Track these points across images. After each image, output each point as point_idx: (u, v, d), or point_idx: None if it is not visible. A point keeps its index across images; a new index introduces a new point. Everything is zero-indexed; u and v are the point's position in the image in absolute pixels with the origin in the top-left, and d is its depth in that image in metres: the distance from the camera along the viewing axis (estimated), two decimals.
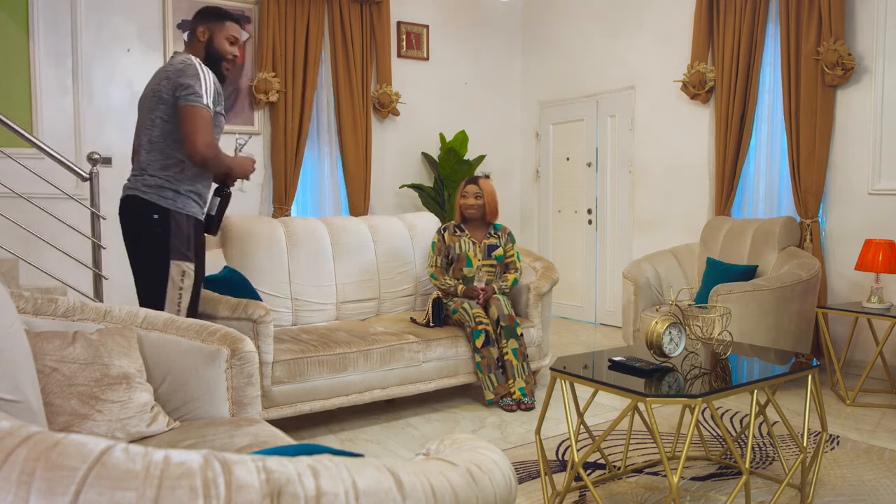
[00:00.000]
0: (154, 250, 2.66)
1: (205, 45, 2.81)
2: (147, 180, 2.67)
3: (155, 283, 2.66)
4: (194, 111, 2.61)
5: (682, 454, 2.06)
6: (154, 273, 2.67)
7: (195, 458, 0.72)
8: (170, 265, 2.66)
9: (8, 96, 4.57)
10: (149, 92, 2.73)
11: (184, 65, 2.66)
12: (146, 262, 2.68)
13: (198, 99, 2.61)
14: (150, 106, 2.69)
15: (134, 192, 2.68)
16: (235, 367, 2.10)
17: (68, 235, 4.09)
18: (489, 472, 0.94)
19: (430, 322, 3.80)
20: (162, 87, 2.66)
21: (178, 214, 2.68)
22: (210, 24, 2.83)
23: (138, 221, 2.68)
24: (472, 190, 4.04)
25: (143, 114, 2.74)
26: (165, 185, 2.67)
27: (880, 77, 4.20)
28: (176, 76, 2.64)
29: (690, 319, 2.61)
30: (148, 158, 2.68)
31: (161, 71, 2.73)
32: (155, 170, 2.67)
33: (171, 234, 2.66)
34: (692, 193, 5.35)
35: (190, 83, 2.61)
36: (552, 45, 6.52)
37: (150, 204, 2.65)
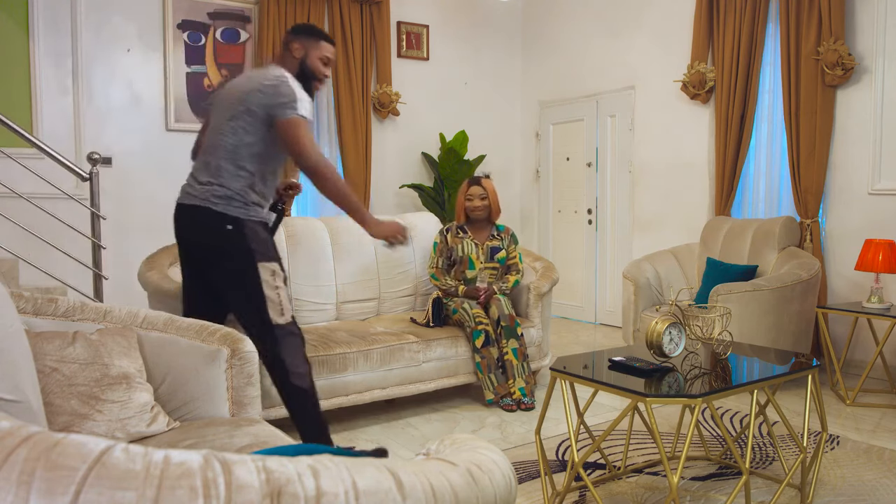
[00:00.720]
0: (239, 259, 2.59)
1: (299, 61, 2.77)
2: (217, 191, 2.58)
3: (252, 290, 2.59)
4: (297, 122, 2.57)
5: (682, 454, 2.06)
6: (246, 281, 2.59)
7: (195, 458, 0.72)
8: (258, 268, 2.59)
9: (8, 96, 4.57)
10: (234, 96, 2.63)
11: (279, 81, 2.60)
12: (234, 272, 2.60)
13: (296, 112, 2.58)
14: (233, 112, 2.61)
15: (204, 203, 2.58)
16: (235, 367, 2.10)
17: (68, 235, 4.09)
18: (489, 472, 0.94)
19: (430, 322, 3.80)
20: (252, 99, 2.58)
21: (251, 221, 2.63)
22: (306, 42, 2.79)
23: (212, 234, 2.59)
24: (477, 192, 4.03)
25: (222, 117, 2.64)
26: (235, 197, 2.60)
27: (880, 77, 4.20)
28: (271, 91, 2.57)
29: (690, 319, 2.61)
30: (220, 167, 2.60)
31: (253, 80, 2.63)
32: (226, 180, 2.59)
33: (249, 239, 2.60)
34: (692, 193, 5.35)
35: (287, 98, 2.57)
36: (552, 45, 6.52)
37: (221, 215, 2.57)
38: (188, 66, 5.17)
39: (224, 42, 5.30)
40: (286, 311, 2.63)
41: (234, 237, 2.58)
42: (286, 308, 2.63)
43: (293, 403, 2.66)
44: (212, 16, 5.24)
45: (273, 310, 2.59)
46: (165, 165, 5.10)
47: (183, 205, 2.66)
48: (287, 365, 2.61)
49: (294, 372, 2.62)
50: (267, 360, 2.62)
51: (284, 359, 2.60)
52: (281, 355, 2.59)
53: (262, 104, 2.58)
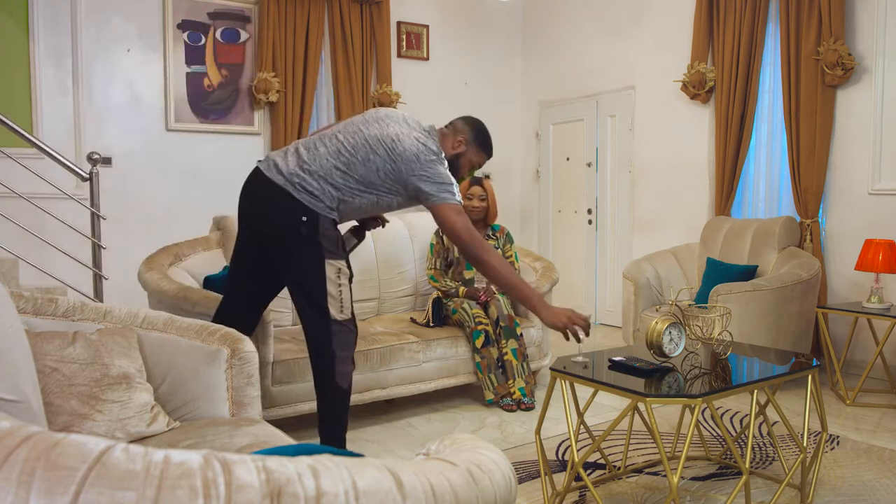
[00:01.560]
0: (307, 251, 2.55)
1: (454, 153, 2.76)
2: (307, 185, 2.53)
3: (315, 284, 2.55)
4: (457, 209, 2.59)
5: (682, 454, 2.06)
6: (311, 274, 2.55)
7: (195, 458, 0.72)
8: (325, 265, 2.55)
9: (8, 96, 4.57)
10: (381, 136, 2.58)
11: (437, 157, 2.59)
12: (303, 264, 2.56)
13: (450, 196, 2.58)
14: (373, 152, 2.56)
15: (286, 186, 2.52)
16: (235, 367, 2.10)
17: (68, 235, 4.09)
18: (489, 472, 0.94)
19: (430, 322, 3.80)
20: (399, 154, 2.55)
21: (325, 218, 2.57)
22: (472, 144, 2.80)
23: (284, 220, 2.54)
24: (478, 192, 4.02)
25: (354, 144, 2.58)
26: (319, 198, 2.55)
27: (880, 77, 4.20)
28: (421, 167, 2.56)
29: (690, 319, 2.61)
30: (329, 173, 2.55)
31: (406, 136, 2.59)
32: (322, 185, 2.54)
33: (321, 234, 2.55)
34: (692, 193, 5.35)
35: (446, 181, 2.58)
36: (552, 45, 6.52)
37: (300, 205, 2.52)
38: (188, 66, 5.17)
39: (224, 42, 5.29)
40: (345, 308, 2.60)
41: (307, 229, 2.53)
42: (346, 306, 2.60)
43: (329, 402, 2.62)
44: (212, 16, 5.24)
45: (333, 306, 2.56)
46: (165, 165, 5.10)
47: (265, 176, 2.57)
48: (336, 359, 2.57)
49: (340, 370, 2.58)
50: (315, 353, 2.59)
51: (335, 351, 2.56)
52: (332, 347, 2.55)
53: (404, 170, 2.56)
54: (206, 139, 5.26)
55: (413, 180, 2.58)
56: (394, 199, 2.67)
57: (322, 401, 2.64)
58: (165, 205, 5.12)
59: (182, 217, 5.02)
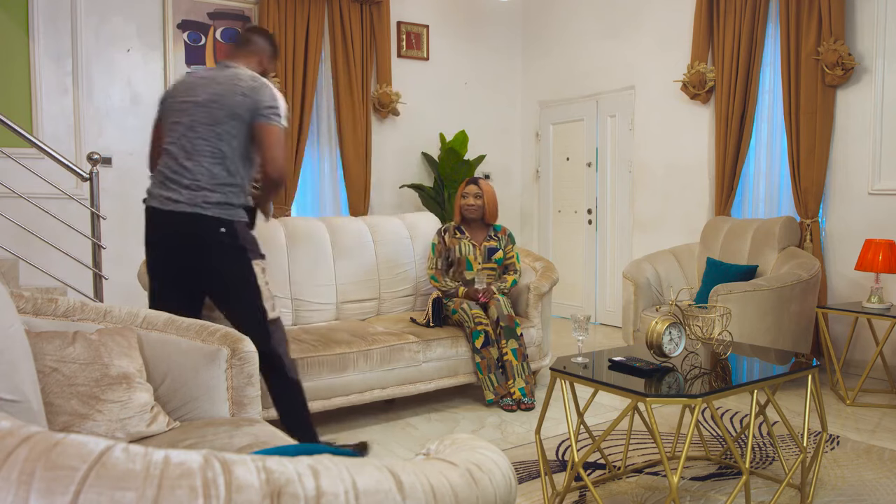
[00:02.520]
0: (234, 259, 2.62)
1: (261, 73, 2.79)
2: (209, 197, 2.58)
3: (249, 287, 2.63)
4: (280, 133, 2.63)
5: (682, 454, 2.06)
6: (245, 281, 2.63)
7: (195, 458, 0.72)
8: (252, 266, 2.64)
9: (8, 96, 4.57)
10: (209, 101, 2.62)
11: (258, 83, 2.63)
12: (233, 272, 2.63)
13: (282, 121, 2.63)
14: (216, 117, 2.60)
15: (193, 209, 2.57)
16: (235, 367, 2.10)
17: (68, 235, 4.09)
18: (489, 472, 0.94)
19: (430, 322, 3.80)
20: (237, 104, 2.59)
21: (239, 223, 2.65)
22: (272, 59, 2.85)
23: (207, 240, 2.60)
24: (472, 190, 4.05)
25: (198, 122, 2.62)
26: (224, 201, 2.61)
27: (880, 77, 4.20)
28: (255, 95, 2.60)
29: (690, 319, 2.61)
30: (211, 172, 2.59)
31: (225, 81, 2.63)
32: (216, 185, 2.59)
33: (241, 239, 2.63)
34: (692, 193, 5.35)
35: (274, 104, 2.62)
36: (552, 45, 6.52)
37: (215, 220, 2.59)
38: (188, 66, 5.17)
39: (224, 42, 5.29)
40: (276, 306, 2.72)
41: (225, 239, 2.62)
42: (275, 304, 2.72)
43: (287, 399, 2.71)
44: (212, 16, 5.24)
45: (268, 304, 2.66)
46: None
47: (167, 211, 2.61)
48: (283, 357, 2.67)
49: (288, 364, 2.70)
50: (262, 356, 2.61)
51: (278, 351, 2.66)
52: (275, 348, 2.65)
53: (247, 108, 2.60)
54: None
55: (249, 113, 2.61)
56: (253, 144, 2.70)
57: (279, 398, 2.71)
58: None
59: None
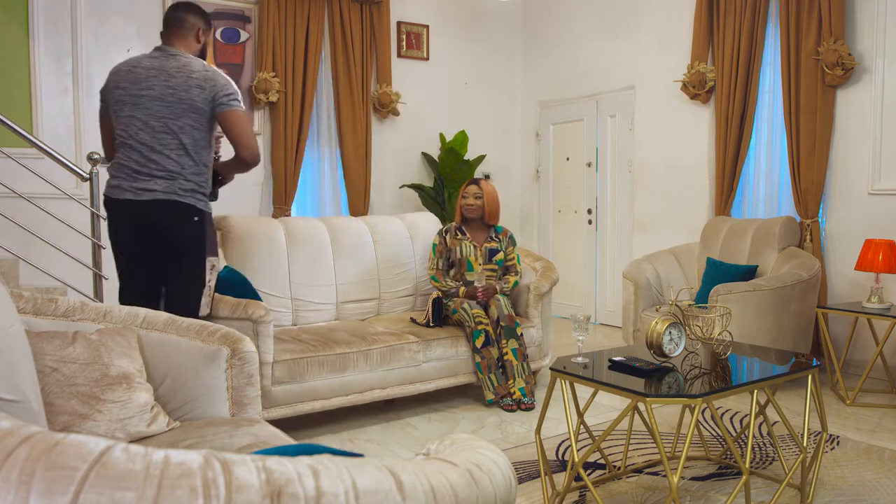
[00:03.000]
0: (197, 250, 2.72)
1: (200, 48, 2.82)
2: (183, 185, 2.67)
3: (197, 283, 2.74)
4: (245, 116, 2.71)
5: (682, 454, 2.06)
6: (196, 273, 2.73)
7: (195, 458, 0.72)
8: (205, 262, 2.74)
9: (8, 96, 4.57)
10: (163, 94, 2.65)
11: (210, 71, 2.68)
12: (187, 262, 2.72)
13: (241, 104, 2.70)
14: (176, 111, 2.65)
15: (169, 196, 2.65)
16: (235, 367, 2.10)
17: (68, 235, 4.09)
18: (489, 472, 0.94)
19: (430, 322, 3.80)
20: (195, 96, 2.64)
21: (208, 215, 2.77)
22: (206, 30, 2.85)
23: (179, 225, 2.68)
24: (473, 190, 4.05)
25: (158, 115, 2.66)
26: (197, 189, 2.71)
27: (880, 77, 4.20)
28: (209, 84, 2.65)
29: (690, 319, 2.61)
30: (181, 163, 2.68)
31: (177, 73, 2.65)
32: (189, 175, 2.68)
33: (206, 234, 2.74)
34: (692, 193, 5.35)
35: (230, 90, 2.68)
36: (552, 45, 6.52)
37: (189, 207, 2.68)
38: None
39: (224, 42, 5.29)
40: (209, 305, 2.84)
41: (197, 229, 2.70)
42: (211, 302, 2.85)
43: None
44: (212, 16, 5.21)
45: (206, 302, 2.77)
46: None
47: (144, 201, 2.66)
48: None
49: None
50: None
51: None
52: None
53: (205, 99, 2.65)
54: None
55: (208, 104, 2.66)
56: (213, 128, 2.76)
57: None
58: None
59: None
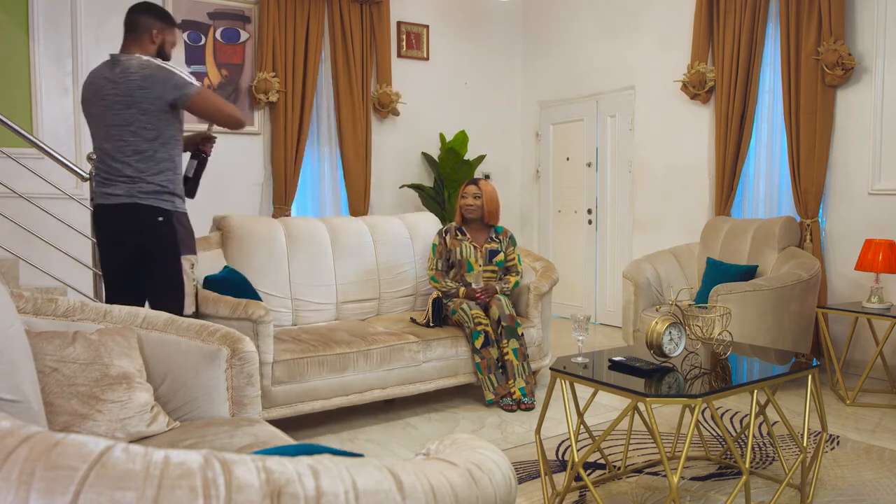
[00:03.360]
0: (167, 250, 2.73)
1: (157, 47, 2.81)
2: (143, 187, 2.70)
3: (174, 282, 2.74)
4: (206, 93, 2.70)
5: (682, 454, 2.06)
6: (170, 272, 2.74)
7: (195, 458, 0.72)
8: (181, 261, 2.74)
9: (8, 96, 4.57)
10: (113, 102, 2.67)
11: (150, 68, 2.66)
12: (161, 263, 2.73)
13: (192, 86, 2.68)
14: (126, 118, 2.66)
15: (132, 199, 2.69)
16: (235, 367, 2.10)
17: (68, 235, 4.09)
18: (489, 472, 0.94)
19: (430, 322, 3.80)
20: (139, 97, 2.64)
21: (178, 213, 2.77)
22: (163, 28, 2.83)
23: (143, 227, 2.71)
24: (472, 190, 4.06)
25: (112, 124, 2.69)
26: (161, 189, 2.72)
27: (880, 77, 4.20)
28: (152, 83, 2.63)
29: (690, 319, 2.61)
30: (139, 167, 2.70)
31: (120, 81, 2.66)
32: (150, 176, 2.70)
33: (177, 233, 2.74)
34: (692, 193, 5.35)
35: (174, 81, 2.65)
36: (552, 45, 6.52)
37: (152, 209, 2.69)
38: (188, 66, 5.16)
39: (224, 42, 5.29)
40: (193, 304, 2.84)
41: (162, 228, 2.71)
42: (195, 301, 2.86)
43: None
44: (212, 16, 5.24)
45: (189, 301, 2.77)
46: None
47: (106, 205, 2.73)
48: None
49: None
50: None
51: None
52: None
53: (151, 98, 2.64)
54: None
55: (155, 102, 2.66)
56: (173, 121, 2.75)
57: None
58: None
59: None
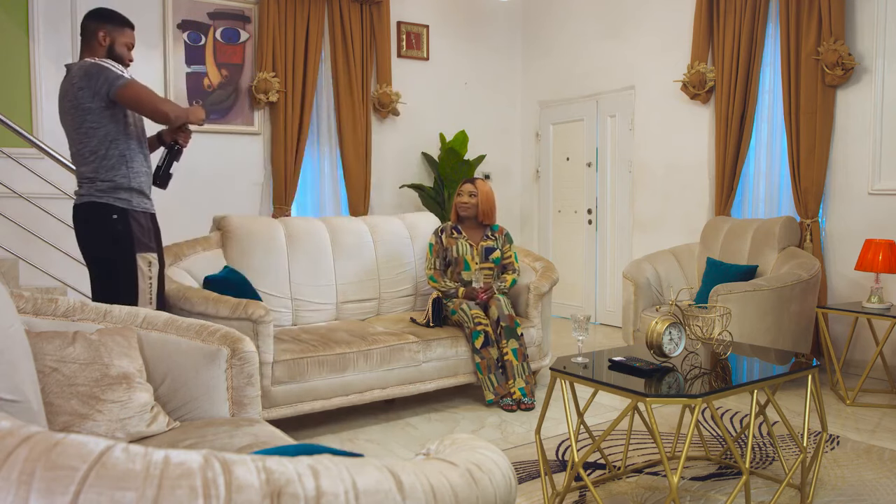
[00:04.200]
0: (119, 249, 2.74)
1: (106, 49, 2.84)
2: (99, 185, 2.74)
3: (127, 280, 2.75)
4: (134, 86, 2.70)
5: (682, 454, 2.06)
6: (123, 270, 2.75)
7: (195, 458, 0.72)
8: (136, 259, 2.75)
9: (8, 96, 4.57)
10: (67, 107, 2.75)
11: (83, 68, 2.70)
12: (114, 261, 2.76)
13: (122, 79, 2.69)
14: (77, 120, 2.73)
15: (88, 198, 2.74)
16: (235, 367, 2.10)
17: (68, 235, 4.07)
18: (489, 472, 0.94)
19: (429, 322, 3.80)
20: (80, 98, 2.69)
21: (135, 212, 2.79)
22: (111, 29, 2.85)
23: (98, 224, 2.75)
24: (468, 189, 4.06)
25: (70, 129, 2.79)
26: (117, 186, 2.75)
27: (880, 77, 4.20)
28: (87, 81, 2.68)
29: (690, 319, 2.61)
30: (93, 167, 2.74)
31: (67, 86, 2.75)
32: (104, 175, 2.74)
33: (132, 229, 2.76)
34: (692, 193, 5.35)
35: (105, 75, 2.68)
36: (552, 45, 6.52)
37: (107, 206, 2.73)
38: (188, 66, 5.17)
39: (224, 42, 5.29)
40: (152, 302, 2.81)
41: (117, 226, 2.73)
42: (154, 299, 2.81)
43: None
44: (212, 16, 5.24)
45: (143, 299, 2.76)
46: None
47: (74, 205, 2.81)
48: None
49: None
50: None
51: None
52: None
53: (89, 96, 2.68)
54: (206, 139, 5.25)
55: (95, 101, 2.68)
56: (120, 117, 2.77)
57: None
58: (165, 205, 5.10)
59: (182, 217, 5.01)
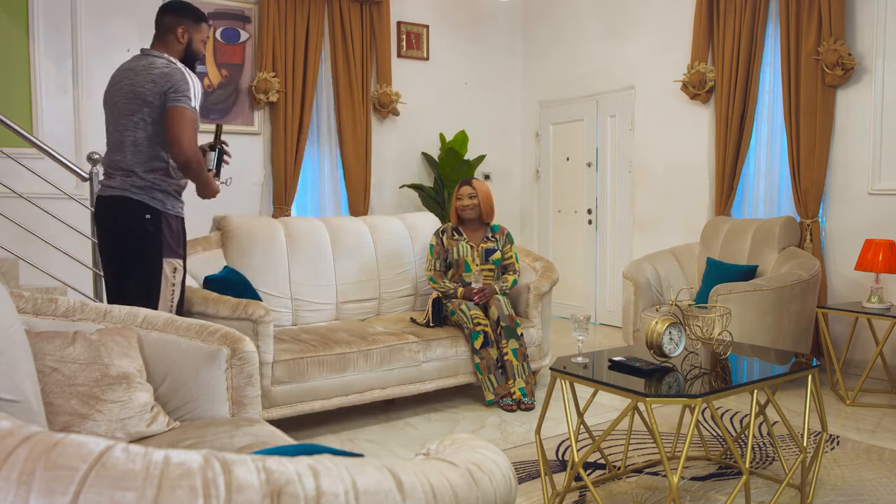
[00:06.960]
0: (147, 250, 2.70)
1: (184, 45, 2.82)
2: (136, 181, 2.69)
3: (149, 282, 2.71)
4: (184, 114, 2.65)
5: (682, 454, 2.06)
6: (148, 272, 2.71)
7: (195, 458, 0.72)
8: (163, 263, 2.71)
9: (8, 96, 4.57)
10: (126, 92, 2.71)
11: (169, 68, 2.68)
12: (140, 261, 2.72)
13: (188, 102, 2.66)
14: (132, 108, 2.69)
15: (123, 192, 2.69)
16: (235, 367, 2.10)
17: (68, 235, 4.09)
18: (489, 472, 0.94)
19: (429, 322, 3.80)
20: (147, 90, 2.66)
21: (168, 215, 2.75)
22: (189, 25, 2.84)
23: (129, 222, 2.70)
24: (466, 191, 4.05)
25: (121, 114, 2.73)
26: (154, 186, 2.71)
27: (880, 77, 4.20)
28: (163, 80, 2.65)
29: (690, 319, 2.61)
30: (134, 160, 2.70)
31: (141, 71, 2.70)
32: (143, 172, 2.70)
33: (163, 233, 2.72)
34: (692, 193, 5.35)
35: (180, 87, 2.65)
36: (552, 45, 6.52)
37: (141, 205, 2.69)
38: None
39: (224, 42, 5.29)
40: (173, 309, 2.77)
41: (148, 226, 2.69)
42: (174, 306, 2.77)
43: None
44: (212, 16, 5.23)
45: (163, 305, 2.72)
46: None
47: (102, 196, 2.74)
48: None
49: None
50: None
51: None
52: None
53: (156, 93, 2.65)
54: (206, 139, 5.24)
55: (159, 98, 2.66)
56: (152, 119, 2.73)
57: None
58: None
59: None
